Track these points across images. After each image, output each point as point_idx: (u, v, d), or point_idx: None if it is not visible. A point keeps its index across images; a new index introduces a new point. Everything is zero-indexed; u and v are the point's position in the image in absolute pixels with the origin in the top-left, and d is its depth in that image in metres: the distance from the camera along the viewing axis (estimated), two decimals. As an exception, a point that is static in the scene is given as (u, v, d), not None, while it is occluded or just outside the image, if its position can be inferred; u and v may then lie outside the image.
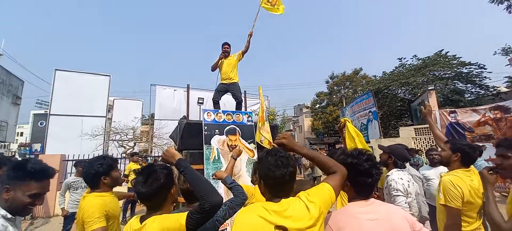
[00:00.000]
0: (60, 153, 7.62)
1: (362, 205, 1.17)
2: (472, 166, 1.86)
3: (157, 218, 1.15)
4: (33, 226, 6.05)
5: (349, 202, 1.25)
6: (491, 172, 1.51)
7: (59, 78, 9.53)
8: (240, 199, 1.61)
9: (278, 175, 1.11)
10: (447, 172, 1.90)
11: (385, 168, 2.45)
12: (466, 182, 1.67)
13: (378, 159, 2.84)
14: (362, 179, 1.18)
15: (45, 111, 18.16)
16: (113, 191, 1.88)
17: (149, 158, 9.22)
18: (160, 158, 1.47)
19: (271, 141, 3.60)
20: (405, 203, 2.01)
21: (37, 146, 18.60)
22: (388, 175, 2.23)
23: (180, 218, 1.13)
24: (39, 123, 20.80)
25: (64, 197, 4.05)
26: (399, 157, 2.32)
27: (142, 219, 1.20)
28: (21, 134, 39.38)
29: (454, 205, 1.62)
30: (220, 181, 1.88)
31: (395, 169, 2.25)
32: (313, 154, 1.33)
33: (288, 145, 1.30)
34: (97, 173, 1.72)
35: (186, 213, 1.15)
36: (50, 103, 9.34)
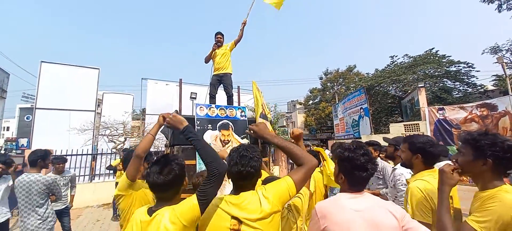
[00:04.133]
0: (47, 148, 7.40)
1: (351, 196, 1.18)
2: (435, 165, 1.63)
3: (168, 208, 1.13)
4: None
5: (341, 192, 1.26)
6: (453, 171, 1.24)
7: (46, 71, 9.17)
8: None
9: (234, 171, 1.22)
10: (412, 175, 1.67)
11: (391, 161, 2.41)
12: (436, 188, 1.42)
13: (377, 153, 2.79)
14: (358, 173, 1.18)
15: (31, 105, 17.58)
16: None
17: None
18: (165, 123, 1.41)
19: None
20: None
21: (23, 141, 18.01)
22: (396, 168, 2.18)
23: (191, 198, 1.14)
24: (25, 117, 20.11)
25: None
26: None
27: (151, 211, 1.16)
28: (7, 128, 38.18)
29: (424, 220, 1.37)
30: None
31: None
32: (283, 144, 1.35)
33: (258, 132, 1.39)
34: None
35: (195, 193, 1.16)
36: (36, 97, 9.01)
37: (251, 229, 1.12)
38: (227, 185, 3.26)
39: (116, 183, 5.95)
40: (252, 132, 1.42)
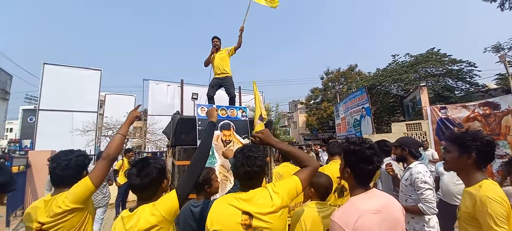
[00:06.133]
0: (50, 149, 7.46)
1: (364, 198, 1.18)
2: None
3: (148, 204, 1.23)
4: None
5: (350, 192, 1.27)
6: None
7: (48, 73, 9.25)
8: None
9: (241, 172, 1.26)
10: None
11: (400, 162, 2.47)
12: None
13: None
14: (363, 166, 1.20)
15: (34, 107, 17.72)
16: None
17: (144, 154, 9.11)
18: (206, 113, 1.69)
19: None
20: (433, 196, 2.03)
21: (26, 142, 18.21)
22: (411, 167, 2.22)
23: (170, 193, 1.27)
24: (28, 119, 20.32)
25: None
26: (414, 146, 2.31)
27: (132, 209, 1.25)
28: (11, 129, 38.50)
29: None
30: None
31: (417, 162, 2.23)
32: (288, 148, 1.46)
33: (264, 139, 1.45)
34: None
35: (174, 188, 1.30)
36: (39, 99, 9.09)
37: (262, 223, 1.16)
38: (229, 184, 3.28)
39: (120, 185, 6.01)
40: (257, 139, 1.46)
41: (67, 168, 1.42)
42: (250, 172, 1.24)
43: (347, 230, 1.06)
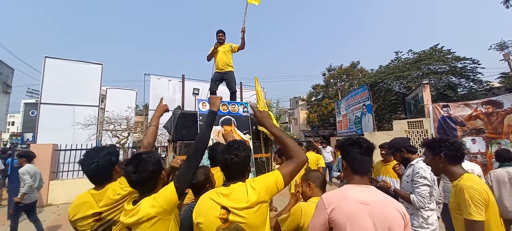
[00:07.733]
0: (52, 143, 7.50)
1: (356, 189, 1.18)
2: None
3: (149, 197, 1.25)
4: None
5: (347, 182, 1.28)
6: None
7: (50, 66, 9.23)
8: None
9: (225, 158, 1.31)
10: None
11: (403, 165, 2.50)
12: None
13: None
14: (353, 151, 1.24)
15: (36, 101, 17.78)
16: None
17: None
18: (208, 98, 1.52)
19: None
20: (428, 193, 2.07)
21: (28, 135, 18.31)
22: (413, 164, 2.27)
23: (169, 185, 1.27)
24: (30, 112, 20.38)
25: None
26: (407, 143, 2.37)
27: (135, 202, 1.27)
28: (12, 123, 38.69)
29: None
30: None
31: (420, 158, 2.26)
32: (279, 134, 1.45)
33: (260, 118, 1.48)
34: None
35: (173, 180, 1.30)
36: (41, 92, 9.09)
37: (238, 218, 1.20)
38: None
39: None
40: (254, 117, 1.54)
41: (96, 171, 1.46)
42: (232, 158, 1.29)
43: (328, 209, 1.12)
